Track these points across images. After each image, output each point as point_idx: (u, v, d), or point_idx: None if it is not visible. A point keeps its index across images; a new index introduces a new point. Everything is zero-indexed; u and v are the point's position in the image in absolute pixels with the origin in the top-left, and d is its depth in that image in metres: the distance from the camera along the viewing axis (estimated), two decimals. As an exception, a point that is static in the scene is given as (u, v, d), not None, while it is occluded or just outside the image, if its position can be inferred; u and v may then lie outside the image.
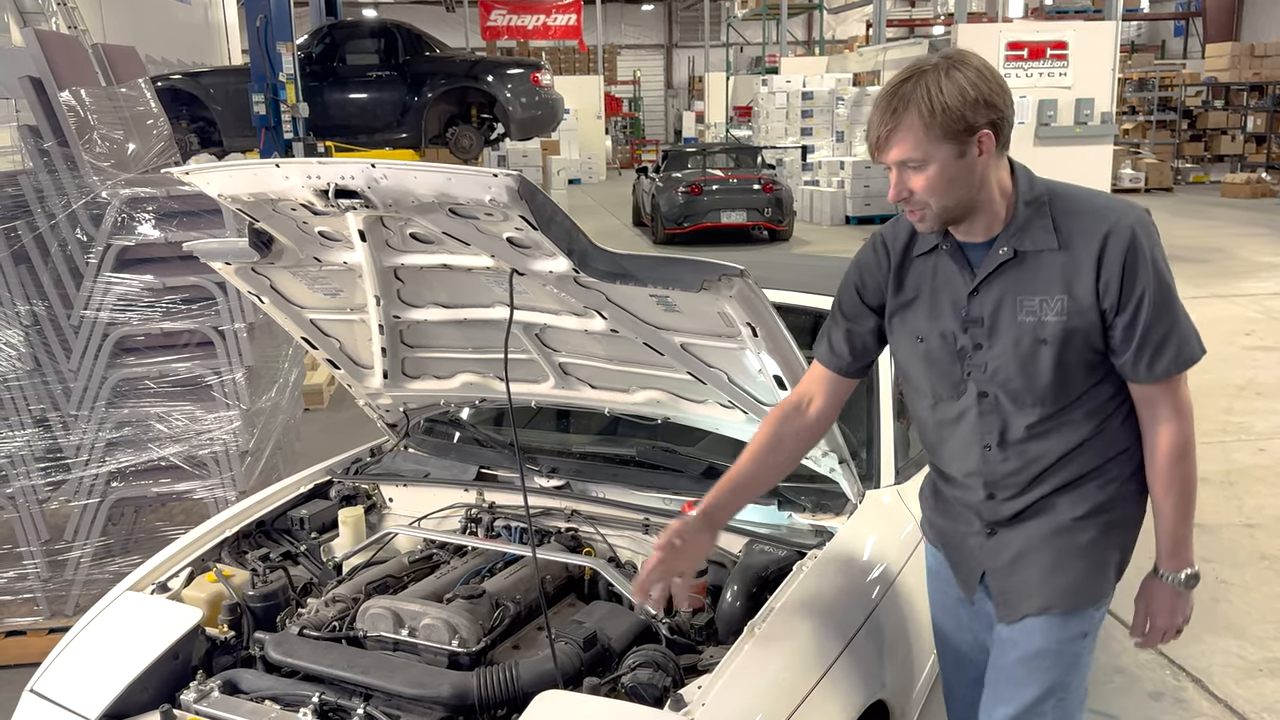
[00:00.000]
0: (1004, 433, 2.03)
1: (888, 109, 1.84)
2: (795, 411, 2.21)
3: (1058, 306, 1.91)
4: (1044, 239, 1.92)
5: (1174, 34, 31.47)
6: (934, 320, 2.04)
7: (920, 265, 2.06)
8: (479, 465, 3.09)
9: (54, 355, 3.90)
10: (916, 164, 1.86)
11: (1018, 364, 1.96)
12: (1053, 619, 2.04)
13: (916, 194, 1.89)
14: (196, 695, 2.23)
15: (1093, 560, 2.04)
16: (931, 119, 1.81)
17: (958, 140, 1.83)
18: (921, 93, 1.81)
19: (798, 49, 30.56)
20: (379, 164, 2.07)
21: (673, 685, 2.10)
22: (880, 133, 1.86)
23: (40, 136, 3.85)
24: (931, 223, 1.93)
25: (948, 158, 1.84)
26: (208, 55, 17.65)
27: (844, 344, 2.18)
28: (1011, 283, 1.94)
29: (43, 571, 3.96)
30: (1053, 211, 1.93)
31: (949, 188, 1.87)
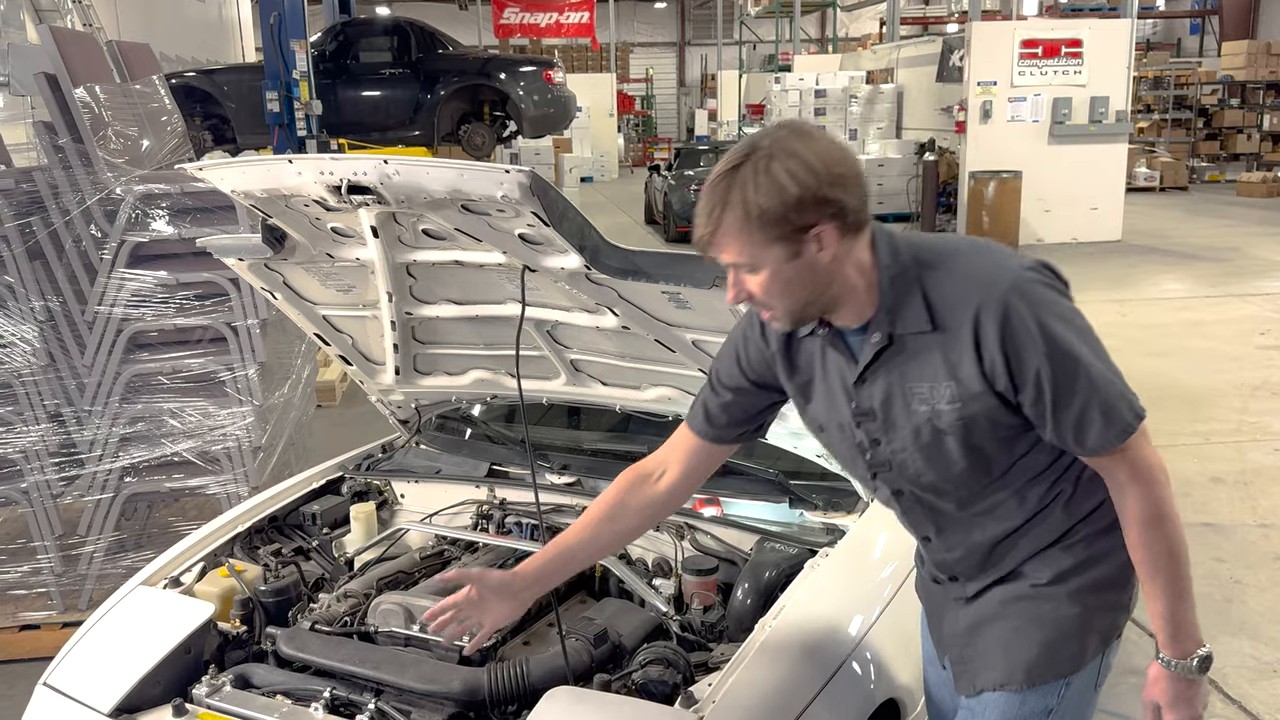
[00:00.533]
0: (937, 524, 1.84)
1: (707, 208, 1.60)
2: (644, 481, 2.01)
3: (948, 394, 1.66)
4: (917, 320, 1.66)
5: (1190, 32, 31.29)
6: (831, 410, 1.82)
7: (809, 345, 1.82)
8: (490, 462, 3.09)
9: (68, 351, 3.92)
10: (747, 268, 1.62)
11: (923, 457, 1.73)
12: (1010, 695, 1.81)
13: (755, 296, 1.65)
14: (208, 689, 2.24)
15: (1060, 629, 1.79)
16: (748, 223, 1.56)
17: (787, 241, 1.58)
18: (737, 194, 1.56)
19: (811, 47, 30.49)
20: (392, 160, 2.08)
21: (683, 682, 2.10)
22: (703, 234, 1.61)
23: (55, 133, 3.87)
24: (785, 323, 1.70)
25: (779, 260, 1.59)
26: (221, 53, 17.72)
27: (721, 413, 1.95)
28: (896, 371, 1.70)
29: (56, 566, 3.98)
30: (923, 286, 1.66)
31: (788, 289, 1.63)
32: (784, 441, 2.66)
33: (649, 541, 2.74)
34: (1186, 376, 7.38)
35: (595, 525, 2.00)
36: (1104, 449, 1.65)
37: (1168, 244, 13.22)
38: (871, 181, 15.99)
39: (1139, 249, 12.93)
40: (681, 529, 2.66)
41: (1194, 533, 4.83)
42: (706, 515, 2.66)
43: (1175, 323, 9.04)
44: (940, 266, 1.66)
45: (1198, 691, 1.75)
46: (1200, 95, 22.21)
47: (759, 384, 1.91)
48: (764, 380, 1.90)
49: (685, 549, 2.63)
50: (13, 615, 3.96)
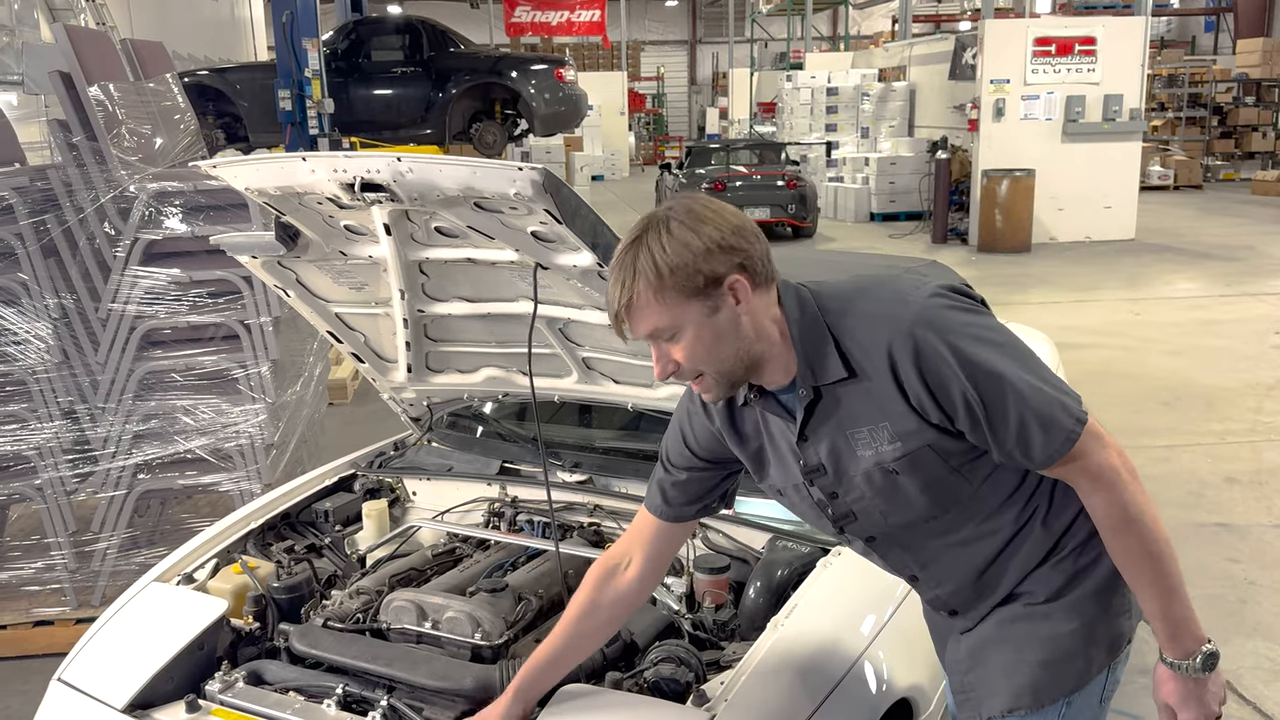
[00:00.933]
0: (919, 561, 1.81)
1: (618, 281, 1.59)
2: (610, 576, 1.98)
3: (886, 434, 1.64)
4: (834, 369, 1.64)
5: (1204, 29, 31.15)
6: (784, 473, 1.79)
7: (750, 413, 1.80)
8: (502, 460, 3.09)
9: (82, 348, 3.93)
10: (668, 334, 1.60)
11: (883, 500, 1.71)
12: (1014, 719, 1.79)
13: (683, 364, 1.62)
14: (221, 686, 2.24)
15: (1061, 647, 1.76)
16: (661, 282, 1.55)
17: (704, 296, 1.57)
18: (645, 259, 1.56)
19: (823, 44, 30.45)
20: (404, 158, 2.08)
21: (695, 681, 2.09)
22: (618, 310, 1.60)
23: (69, 131, 3.89)
24: (718, 390, 1.68)
25: (699, 318, 1.58)
26: (234, 51, 17.78)
27: (678, 492, 1.93)
28: (832, 421, 1.68)
29: (70, 562, 4.00)
30: (834, 334, 1.64)
31: (714, 349, 1.61)
32: (796, 440, 2.65)
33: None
34: (1201, 376, 7.35)
35: (573, 627, 1.99)
36: (1053, 459, 1.61)
37: (1182, 243, 13.16)
38: (884, 180, 16.07)
39: (1153, 248, 12.87)
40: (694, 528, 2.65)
41: (1208, 533, 4.80)
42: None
43: (1189, 322, 9.00)
44: (846, 312, 1.65)
45: (1207, 689, 1.70)
46: (1215, 93, 22.11)
47: (710, 460, 1.89)
48: (715, 456, 1.88)
49: (697, 547, 2.63)
50: (27, 611, 3.98)
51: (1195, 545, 4.63)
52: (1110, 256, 12.33)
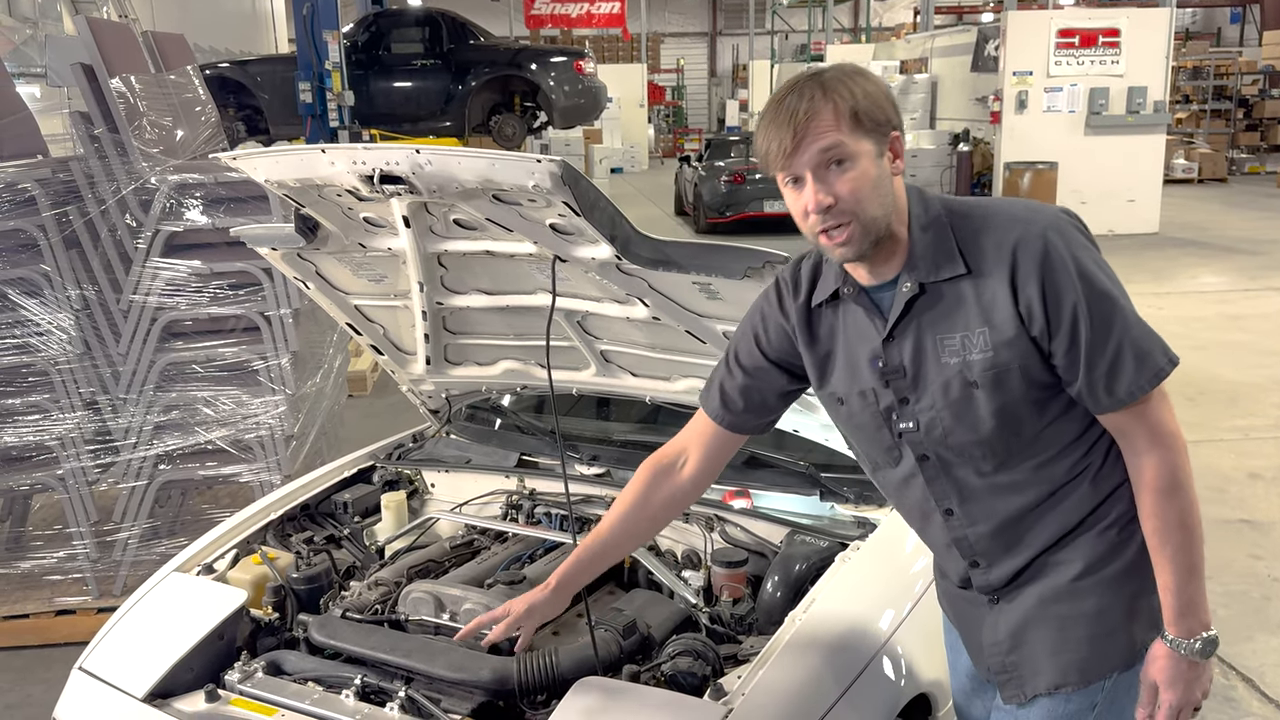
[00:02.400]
0: (961, 494, 1.76)
1: (797, 105, 1.58)
2: (666, 472, 1.98)
3: (980, 342, 1.63)
4: (949, 265, 1.64)
5: (1230, 21, 30.82)
6: (852, 379, 1.77)
7: (829, 315, 1.80)
8: (520, 452, 3.09)
9: (104, 339, 3.96)
10: (842, 159, 1.58)
11: (952, 414, 1.69)
12: (1057, 697, 1.78)
13: (843, 199, 1.59)
14: (240, 676, 2.26)
15: (1106, 624, 1.74)
16: (849, 104, 1.57)
17: (878, 136, 1.60)
18: (834, 84, 1.58)
19: (844, 36, 30.31)
20: (424, 150, 2.08)
21: (712, 674, 2.09)
22: (785, 136, 1.58)
23: (91, 123, 3.91)
24: (858, 244, 1.63)
25: (871, 155, 1.60)
26: (255, 44, 17.85)
27: (738, 397, 1.91)
28: (927, 322, 1.67)
29: (91, 552, 4.03)
30: (956, 233, 1.65)
31: (874, 192, 1.61)
32: (815, 434, 2.64)
33: (678, 533, 2.73)
34: (1225, 371, 7.28)
35: (623, 521, 2.01)
36: (1134, 395, 1.60)
37: (1206, 236, 13.04)
38: (905, 172, 15.96)
39: (1177, 242, 12.76)
40: (711, 521, 2.65)
41: (1231, 529, 4.76)
42: (736, 507, 2.65)
43: (1214, 316, 8.92)
44: (972, 215, 1.67)
45: (1199, 675, 1.69)
46: (1240, 85, 21.89)
47: (777, 363, 1.88)
48: (783, 358, 1.87)
49: (715, 541, 2.62)
50: (49, 600, 4.02)
51: (1218, 541, 4.59)
52: (1134, 250, 12.22)
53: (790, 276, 1.85)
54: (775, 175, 1.66)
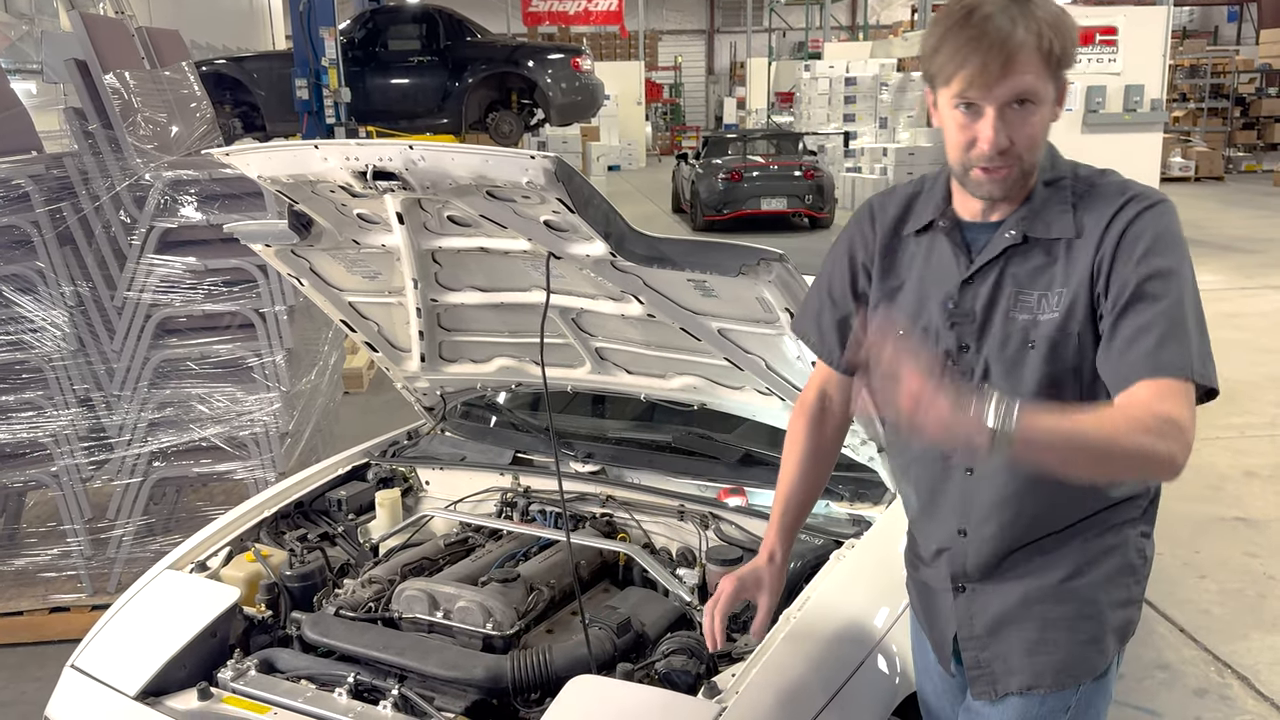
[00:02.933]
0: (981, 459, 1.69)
1: (1002, 34, 1.49)
2: (821, 414, 1.97)
3: (1054, 303, 1.60)
4: (1059, 225, 1.61)
5: (1227, 19, 30.83)
6: (918, 313, 1.73)
7: (912, 246, 1.76)
8: (515, 450, 3.09)
9: (98, 336, 3.95)
10: (1031, 98, 1.53)
11: (1002, 369, 1.65)
12: (1030, 697, 1.75)
13: (1018, 143, 1.55)
14: (233, 674, 2.25)
15: (1085, 631, 1.72)
16: (1050, 47, 1.51)
17: (1058, 80, 1.56)
18: (1040, 16, 1.50)
19: (841, 34, 30.30)
20: (417, 146, 2.07)
21: (706, 672, 2.09)
22: (990, 62, 1.49)
23: (85, 119, 3.90)
24: (1009, 185, 1.60)
25: (1051, 100, 1.56)
26: (252, 40, 17.82)
27: (834, 333, 1.88)
28: (1011, 273, 1.64)
29: (86, 549, 4.02)
30: (1075, 196, 1.63)
31: (1044, 138, 1.59)
32: (810, 431, 2.63)
33: (673, 531, 2.73)
34: (1222, 369, 7.21)
35: (804, 473, 1.97)
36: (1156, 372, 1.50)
37: (1203, 235, 13.03)
38: (902, 170, 15.96)
39: (1173, 239, 12.73)
40: (706, 519, 2.65)
41: (1227, 527, 4.76)
42: (731, 505, 2.65)
43: (1211, 314, 8.68)
44: (1093, 182, 1.65)
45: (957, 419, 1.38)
46: (1237, 84, 21.90)
47: (862, 293, 1.82)
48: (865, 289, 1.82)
49: (709, 539, 2.62)
50: (43, 597, 4.01)
51: (1214, 539, 4.59)
52: (1130, 248, 12.21)
53: (880, 202, 1.83)
54: (942, 91, 1.58)
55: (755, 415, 2.73)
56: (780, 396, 2.56)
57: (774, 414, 2.67)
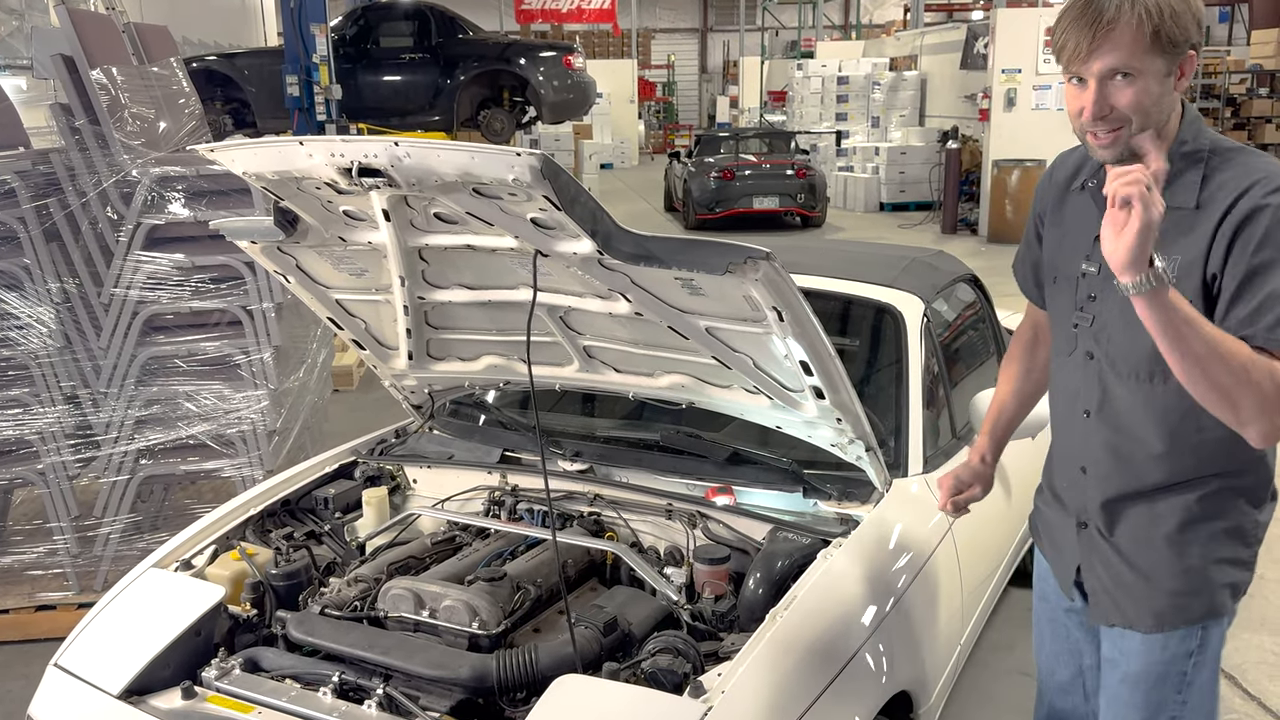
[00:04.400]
0: (1102, 400, 1.91)
1: (1099, 11, 1.65)
2: (1035, 342, 2.26)
3: (1173, 268, 1.72)
4: (1185, 196, 1.74)
5: (1219, 20, 30.89)
6: (1066, 261, 1.96)
7: (1075, 201, 1.96)
8: (503, 448, 3.08)
9: (84, 333, 3.93)
10: (1129, 74, 1.66)
11: (1123, 323, 1.82)
12: (1151, 639, 1.94)
13: (1119, 110, 1.68)
14: (218, 673, 2.24)
15: (1194, 580, 1.89)
16: (1153, 27, 1.63)
17: (1170, 55, 1.67)
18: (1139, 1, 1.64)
19: (834, 33, 30.32)
20: (402, 142, 2.05)
21: (693, 672, 2.08)
22: (1083, 39, 1.66)
23: (72, 115, 3.87)
24: (1121, 147, 1.71)
25: (1158, 73, 1.67)
26: (244, 37, 17.77)
27: (1030, 275, 2.17)
28: None
29: (72, 547, 4.00)
30: (1207, 168, 1.74)
31: (1153, 106, 1.69)
32: (798, 431, 2.63)
33: (661, 530, 2.72)
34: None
35: (1019, 390, 2.27)
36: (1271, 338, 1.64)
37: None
38: (894, 169, 16.00)
39: (1164, 239, 12.76)
40: (694, 518, 2.64)
41: (1215, 526, 4.76)
42: (719, 504, 2.64)
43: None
44: (1230, 157, 1.75)
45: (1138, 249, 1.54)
46: (1228, 84, 21.94)
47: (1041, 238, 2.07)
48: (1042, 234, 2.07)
49: (697, 538, 2.61)
50: (29, 595, 3.99)
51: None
52: (1121, 248, 12.23)
53: (1061, 160, 2.04)
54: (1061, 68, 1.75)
55: (743, 414, 2.72)
56: (768, 395, 2.55)
57: (761, 412, 2.66)
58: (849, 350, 3.30)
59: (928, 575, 2.56)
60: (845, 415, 2.44)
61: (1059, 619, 2.22)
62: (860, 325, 3.34)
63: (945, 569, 2.67)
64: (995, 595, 3.26)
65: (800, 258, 3.56)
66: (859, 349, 3.32)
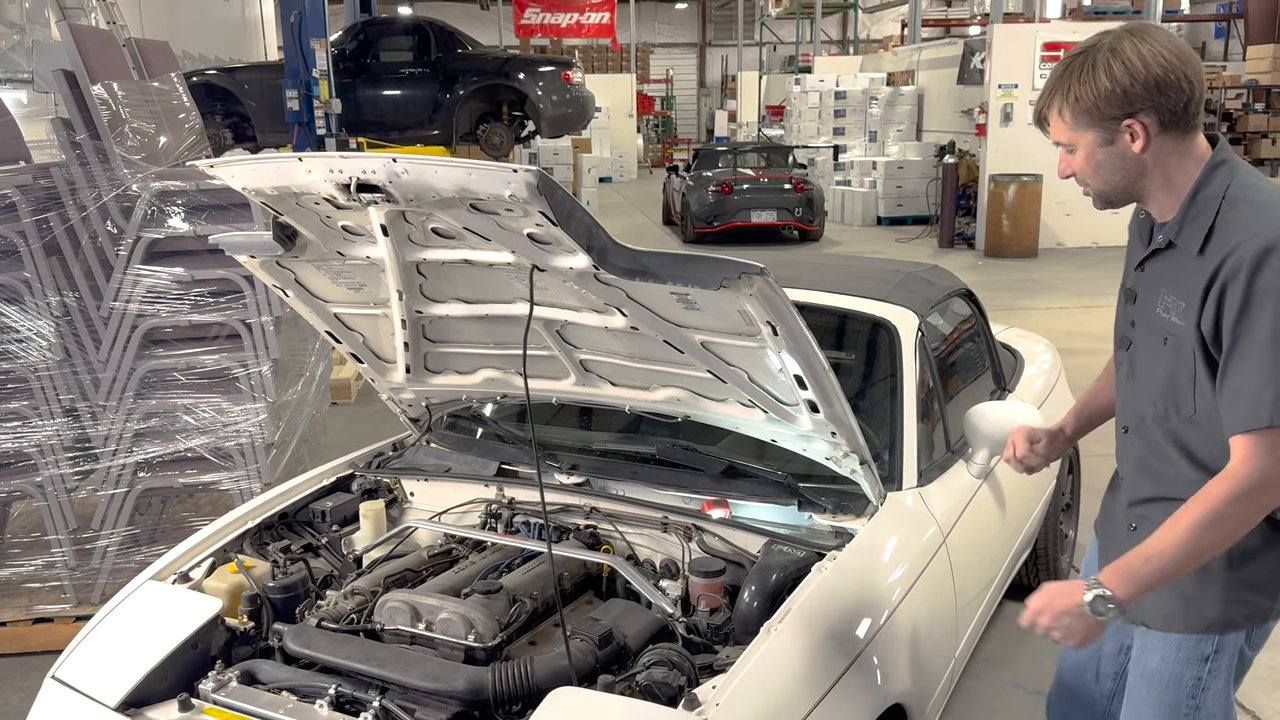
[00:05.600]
0: (1138, 419, 2.05)
1: (1046, 91, 1.92)
2: None
3: (1180, 309, 1.87)
4: (1192, 240, 1.85)
5: (1215, 36, 31.03)
6: (1123, 280, 2.10)
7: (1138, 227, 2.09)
8: (500, 461, 3.09)
9: (84, 346, 3.94)
10: (1066, 148, 1.93)
11: (1149, 357, 1.98)
12: (1168, 639, 2.04)
13: (1075, 174, 1.95)
14: (215, 685, 2.24)
15: (1210, 589, 1.96)
16: (1065, 107, 1.88)
17: (1102, 128, 1.85)
18: (1065, 83, 1.87)
19: (832, 48, 30.41)
20: (400, 159, 2.07)
21: (688, 684, 2.09)
22: (1038, 111, 1.96)
23: (73, 129, 3.90)
24: (1096, 201, 1.98)
25: (1091, 145, 1.88)
26: (245, 51, 17.84)
27: None
28: (1162, 272, 1.94)
29: (70, 559, 4.00)
30: (1217, 214, 1.83)
31: (1098, 172, 1.91)
32: (793, 444, 2.65)
33: (656, 543, 2.73)
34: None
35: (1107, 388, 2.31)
36: (1232, 430, 1.78)
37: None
38: (891, 184, 16.05)
39: (1160, 254, 12.79)
40: (689, 530, 2.65)
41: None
42: (715, 517, 2.65)
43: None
44: (1240, 205, 1.82)
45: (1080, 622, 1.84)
46: (1225, 99, 22.03)
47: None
48: None
49: (692, 550, 2.62)
50: (27, 608, 3.99)
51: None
52: (1117, 262, 12.16)
53: None
54: None
55: (738, 427, 2.74)
56: (763, 409, 2.57)
57: (757, 426, 2.68)
58: (844, 364, 3.32)
59: (922, 588, 2.57)
60: (840, 429, 2.46)
61: None
62: (855, 339, 3.36)
63: (940, 582, 2.69)
64: (990, 609, 3.27)
65: (795, 272, 3.58)
66: (854, 363, 3.34)
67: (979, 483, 3.05)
